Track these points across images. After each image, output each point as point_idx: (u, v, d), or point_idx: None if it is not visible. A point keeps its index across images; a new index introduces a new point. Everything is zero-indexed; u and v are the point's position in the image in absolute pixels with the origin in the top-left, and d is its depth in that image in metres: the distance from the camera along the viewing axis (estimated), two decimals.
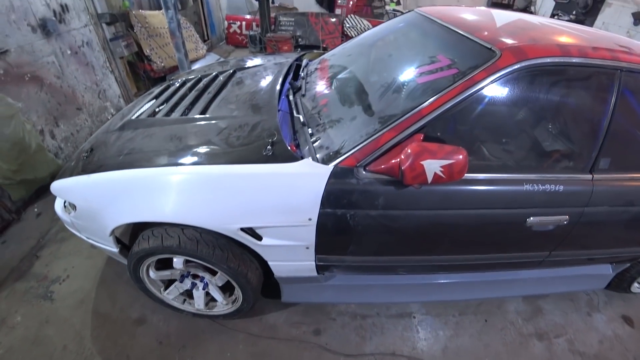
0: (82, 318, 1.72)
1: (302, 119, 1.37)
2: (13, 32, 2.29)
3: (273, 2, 5.66)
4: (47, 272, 1.96)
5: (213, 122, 1.42)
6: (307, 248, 1.24)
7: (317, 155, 1.15)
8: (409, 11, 1.93)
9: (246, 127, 1.33)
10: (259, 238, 1.20)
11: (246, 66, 2.12)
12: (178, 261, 1.33)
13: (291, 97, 1.59)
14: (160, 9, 4.02)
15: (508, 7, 6.32)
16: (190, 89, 1.87)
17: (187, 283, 1.50)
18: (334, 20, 5.89)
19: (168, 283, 1.58)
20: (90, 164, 1.34)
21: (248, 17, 6.18)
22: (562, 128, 1.33)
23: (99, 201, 1.25)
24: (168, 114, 1.58)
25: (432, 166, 0.95)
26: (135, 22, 3.54)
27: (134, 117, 1.61)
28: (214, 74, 2.02)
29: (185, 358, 1.54)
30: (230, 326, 1.66)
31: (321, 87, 1.61)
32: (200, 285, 1.49)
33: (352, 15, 6.08)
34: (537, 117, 1.31)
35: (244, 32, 6.16)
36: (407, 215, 1.16)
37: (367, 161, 1.08)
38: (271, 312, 1.73)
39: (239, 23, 6.16)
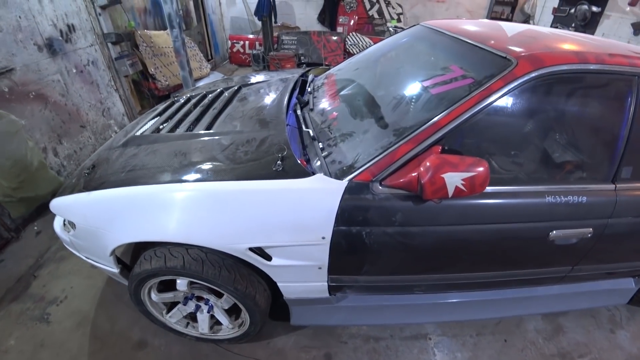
0: (79, 342, 1.63)
1: (311, 134, 1.33)
2: (19, 51, 2.30)
3: (276, 22, 5.77)
4: (45, 293, 1.88)
5: (219, 137, 1.38)
6: (320, 268, 1.17)
7: (330, 170, 1.10)
8: (412, 26, 1.93)
9: (254, 142, 1.29)
10: (269, 258, 1.14)
11: (251, 82, 2.11)
12: (182, 283, 1.26)
13: (299, 112, 1.56)
14: (165, 29, 4.10)
15: (507, 20, 6.43)
16: (195, 105, 1.85)
17: (191, 306, 1.42)
18: (335, 38, 5.98)
19: (171, 305, 1.50)
20: (91, 181, 1.30)
21: (251, 36, 6.30)
22: (581, 137, 1.28)
23: (99, 219, 1.20)
24: (172, 130, 1.55)
25: (453, 179, 0.90)
26: (140, 42, 3.59)
27: (137, 134, 1.58)
28: (219, 90, 2.01)
29: None
30: (235, 351, 1.57)
31: (330, 101, 1.59)
32: (204, 308, 1.41)
33: (354, 33, 6.19)
34: (555, 126, 1.27)
35: (247, 51, 6.26)
36: (425, 231, 1.10)
37: (383, 175, 1.03)
38: (279, 335, 1.64)
39: (242, 42, 6.27)
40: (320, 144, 1.25)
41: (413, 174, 0.96)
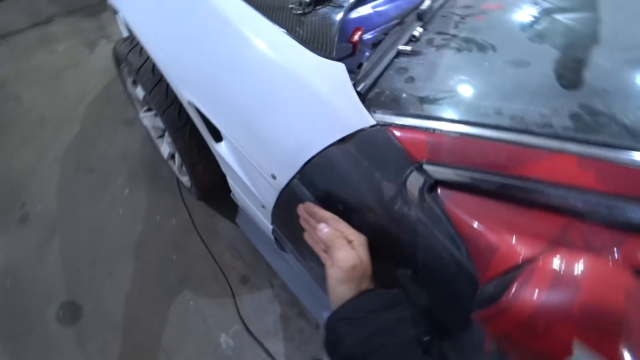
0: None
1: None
2: None
3: None
4: (107, 28, 1.94)
5: None
6: (263, 207, 0.75)
7: (361, 88, 0.57)
8: None
9: None
10: (219, 137, 0.74)
11: None
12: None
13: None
14: None
15: None
16: None
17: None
18: None
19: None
20: None
21: None
22: None
23: None
24: None
25: None
26: None
27: None
28: None
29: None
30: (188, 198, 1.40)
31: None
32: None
33: None
34: None
35: None
36: None
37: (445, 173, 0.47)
38: (225, 228, 1.34)
39: None
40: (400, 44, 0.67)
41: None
